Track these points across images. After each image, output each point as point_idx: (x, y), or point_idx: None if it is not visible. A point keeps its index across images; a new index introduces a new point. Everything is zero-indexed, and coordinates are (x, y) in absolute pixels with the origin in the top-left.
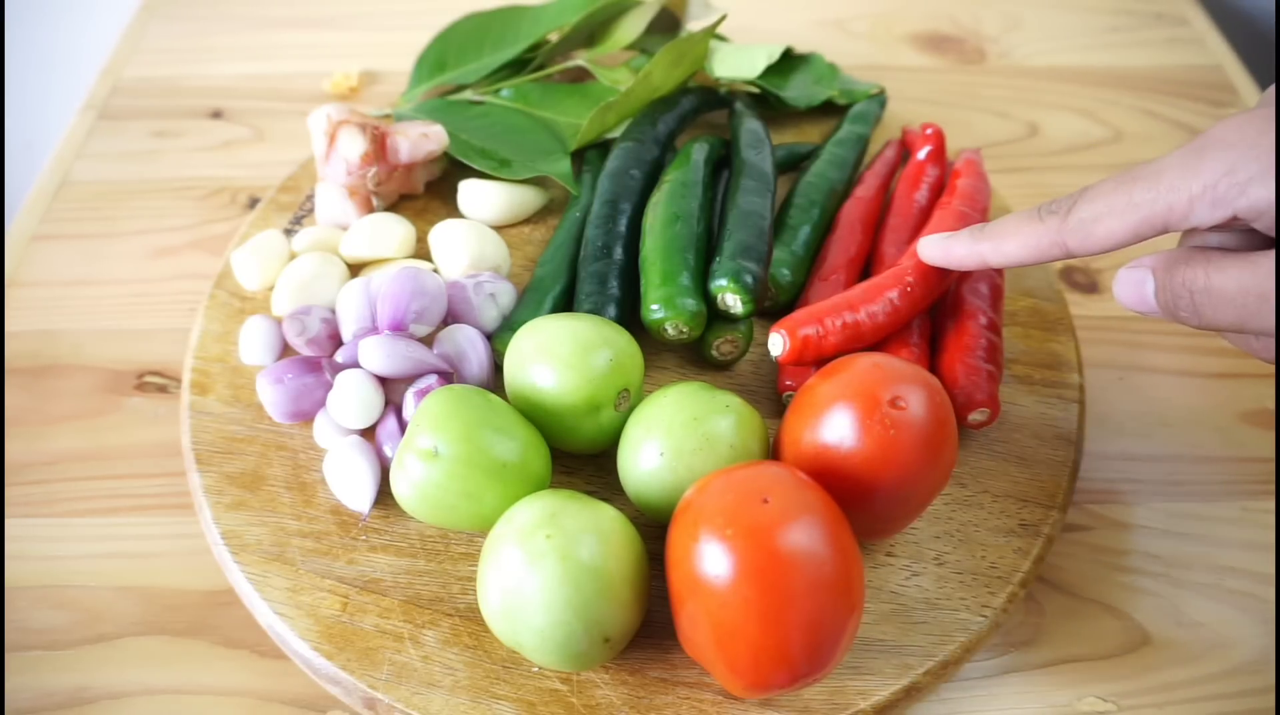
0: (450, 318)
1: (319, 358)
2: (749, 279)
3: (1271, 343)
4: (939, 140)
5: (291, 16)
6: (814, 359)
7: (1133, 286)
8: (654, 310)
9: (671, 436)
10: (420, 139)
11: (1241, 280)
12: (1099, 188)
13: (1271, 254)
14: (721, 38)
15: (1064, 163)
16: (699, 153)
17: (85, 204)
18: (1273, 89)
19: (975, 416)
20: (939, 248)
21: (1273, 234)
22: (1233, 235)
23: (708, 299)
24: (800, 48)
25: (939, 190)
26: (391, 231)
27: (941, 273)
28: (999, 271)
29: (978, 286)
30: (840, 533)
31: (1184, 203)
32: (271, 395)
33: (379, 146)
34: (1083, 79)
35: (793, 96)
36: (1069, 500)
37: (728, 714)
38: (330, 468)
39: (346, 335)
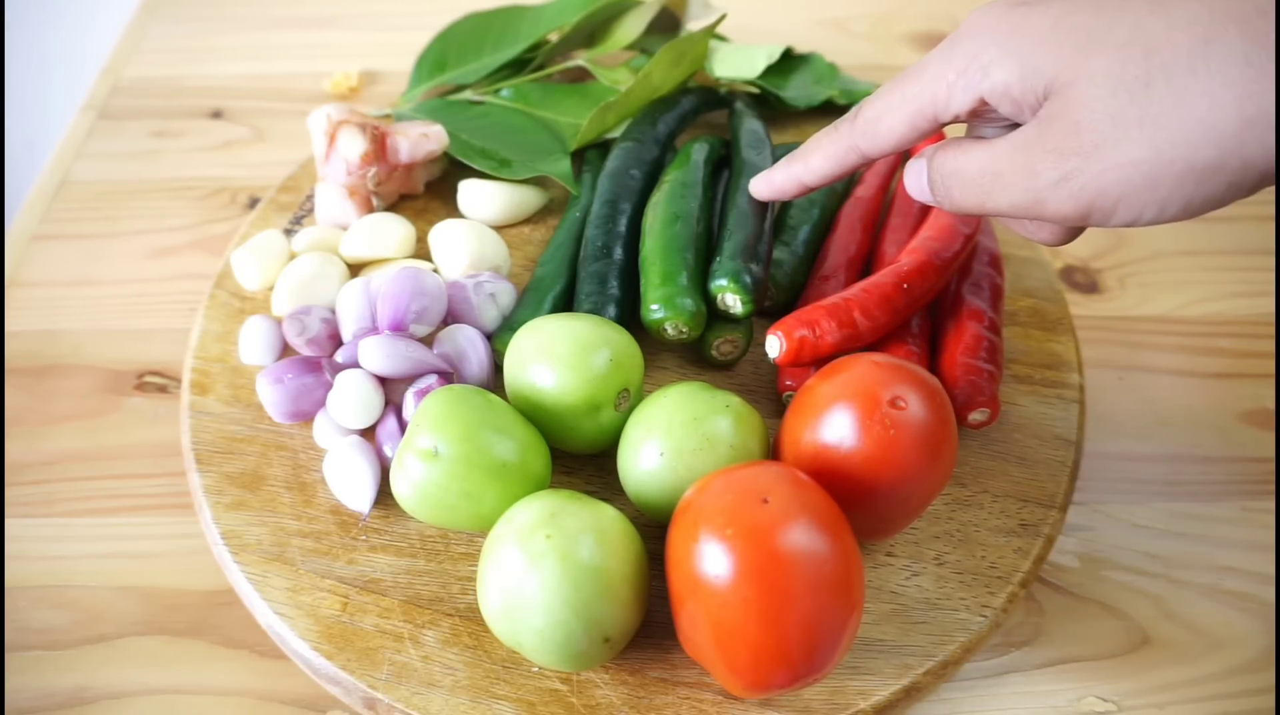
0: (450, 318)
1: (319, 358)
2: (749, 279)
3: (1046, 226)
4: (940, 140)
5: (291, 16)
6: (811, 360)
7: (913, 176)
8: (654, 310)
9: (671, 436)
10: (420, 139)
11: (981, 161)
12: (880, 90)
13: (1009, 137)
14: (721, 38)
15: None
16: (699, 153)
17: (85, 204)
18: None
19: (975, 416)
20: (763, 182)
21: (1017, 119)
22: (998, 129)
23: (708, 299)
24: (800, 48)
25: None
26: (391, 231)
27: (939, 270)
28: (999, 271)
29: (978, 286)
30: (840, 533)
31: (944, 91)
32: (271, 395)
33: (379, 146)
34: None
35: (793, 96)
36: (1069, 500)
37: (728, 714)
38: (330, 468)
39: (346, 335)
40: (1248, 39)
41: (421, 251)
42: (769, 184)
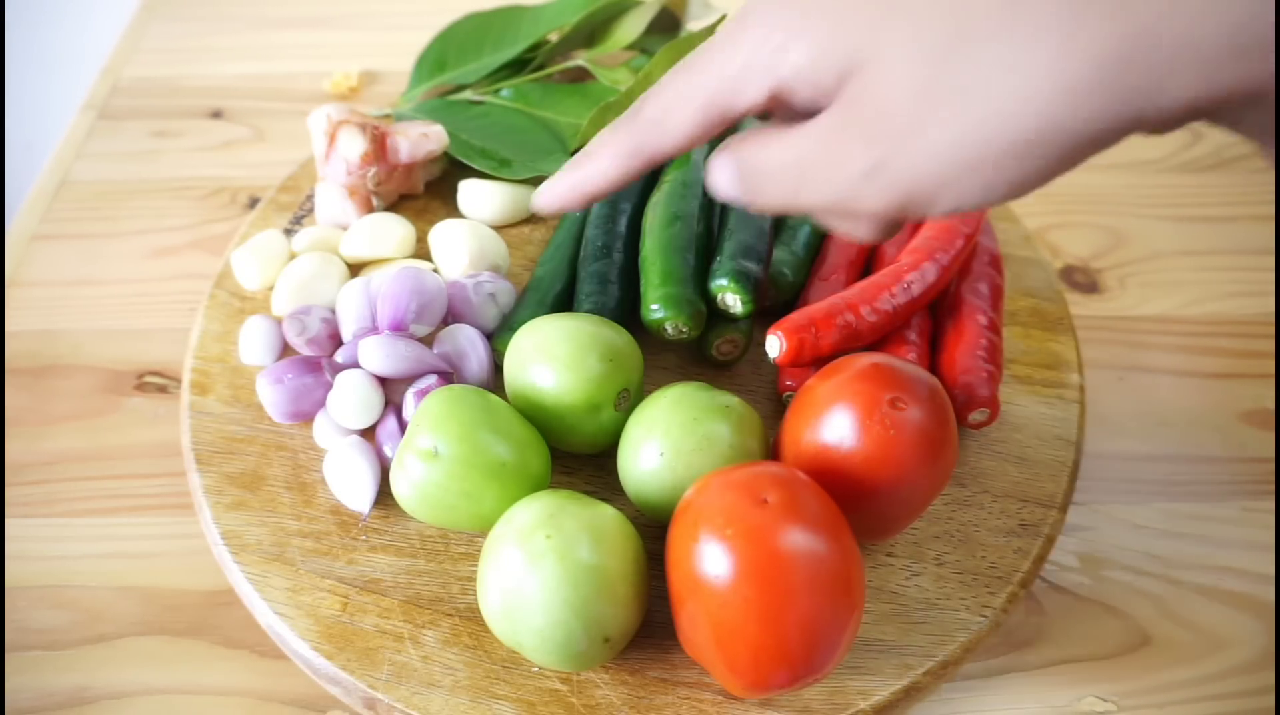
0: (450, 318)
1: (319, 358)
2: (749, 279)
3: (860, 223)
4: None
5: (291, 16)
6: (811, 360)
7: (718, 173)
8: (654, 310)
9: (671, 436)
10: (420, 139)
11: (786, 154)
12: (661, 80)
13: (814, 124)
14: None
15: None
16: (699, 153)
17: (85, 204)
18: None
19: (975, 416)
20: (548, 192)
21: (820, 105)
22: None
23: (708, 299)
24: None
25: None
26: (391, 231)
27: (939, 270)
28: (999, 271)
29: (978, 286)
30: (840, 533)
31: (733, 81)
32: (271, 395)
33: (379, 146)
34: None
35: None
36: (1069, 500)
37: (728, 714)
38: (330, 468)
39: (346, 335)
40: None
41: (421, 251)
42: (552, 194)
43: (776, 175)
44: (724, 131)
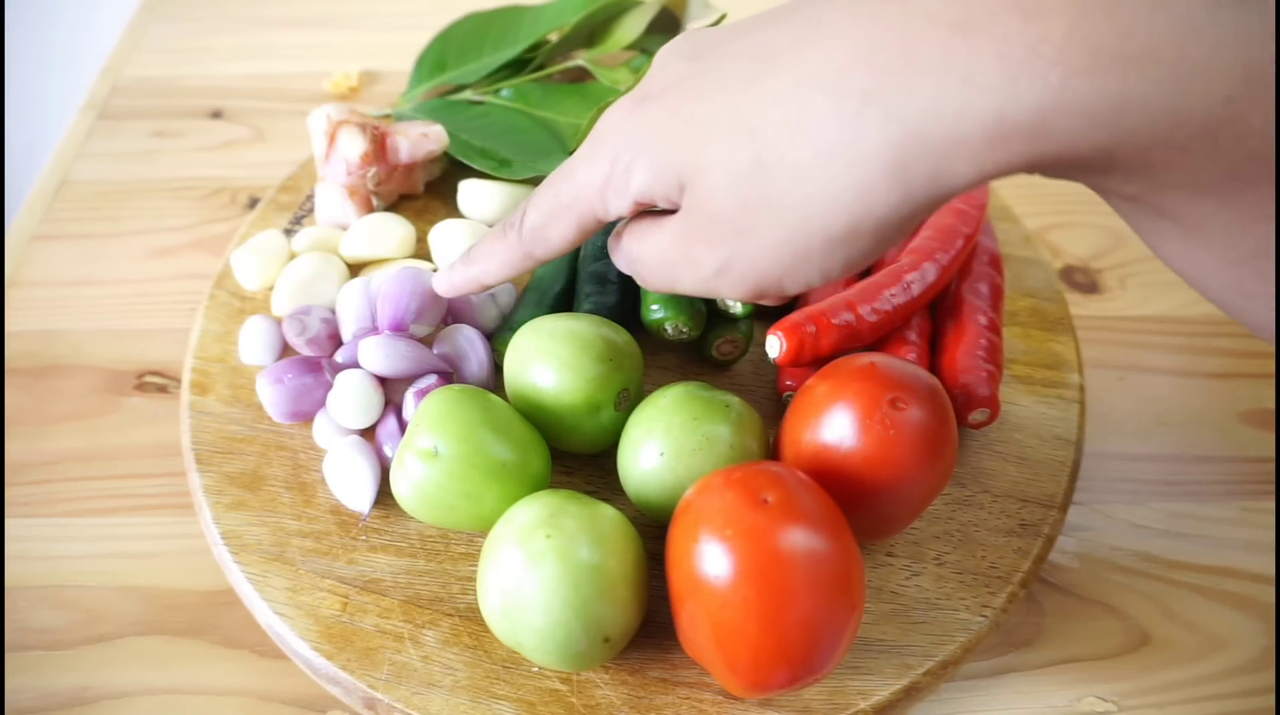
0: (450, 318)
1: (319, 358)
2: None
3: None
4: None
5: (291, 16)
6: (811, 360)
7: (613, 255)
8: (654, 310)
9: (671, 436)
10: (420, 139)
11: (655, 250)
12: (537, 193)
13: (672, 225)
14: None
15: None
16: None
17: (85, 204)
18: (657, 59)
19: (975, 416)
20: (444, 280)
21: (675, 208)
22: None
23: (708, 299)
24: None
25: None
26: (391, 231)
27: (939, 270)
28: (999, 271)
29: (978, 286)
30: (840, 533)
31: (598, 198)
32: (271, 395)
33: (379, 146)
34: None
35: None
36: (1069, 500)
37: (728, 714)
38: (330, 468)
39: (346, 335)
40: (834, 103)
41: (421, 251)
42: (449, 283)
43: (652, 268)
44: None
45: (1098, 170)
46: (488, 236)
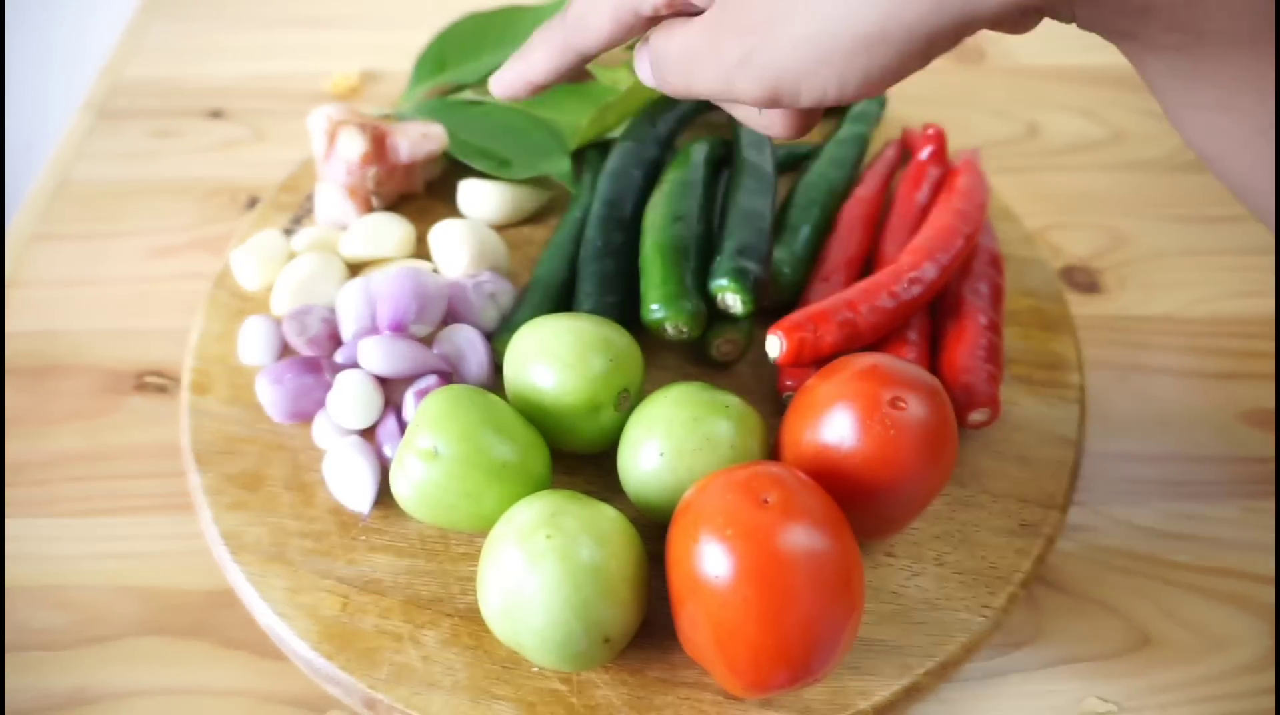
0: (450, 318)
1: (319, 358)
2: (749, 279)
3: (773, 116)
4: (940, 141)
5: (291, 16)
6: (812, 360)
7: (639, 61)
8: (654, 310)
9: (671, 436)
10: (420, 139)
11: (682, 42)
12: None
13: (703, 17)
14: None
15: (1064, 163)
16: (699, 153)
17: (85, 204)
18: None
19: (975, 416)
20: (499, 82)
21: (711, 4)
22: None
23: (708, 299)
24: None
25: (940, 190)
26: (391, 231)
27: (939, 270)
28: (999, 271)
29: (978, 286)
30: (840, 533)
31: None
32: (271, 395)
33: (379, 146)
34: (1083, 79)
35: None
36: (1069, 500)
37: (728, 714)
38: (330, 468)
39: (346, 335)
40: None
41: (421, 251)
42: (501, 83)
43: (675, 63)
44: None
45: (1136, 10)
46: (537, 31)
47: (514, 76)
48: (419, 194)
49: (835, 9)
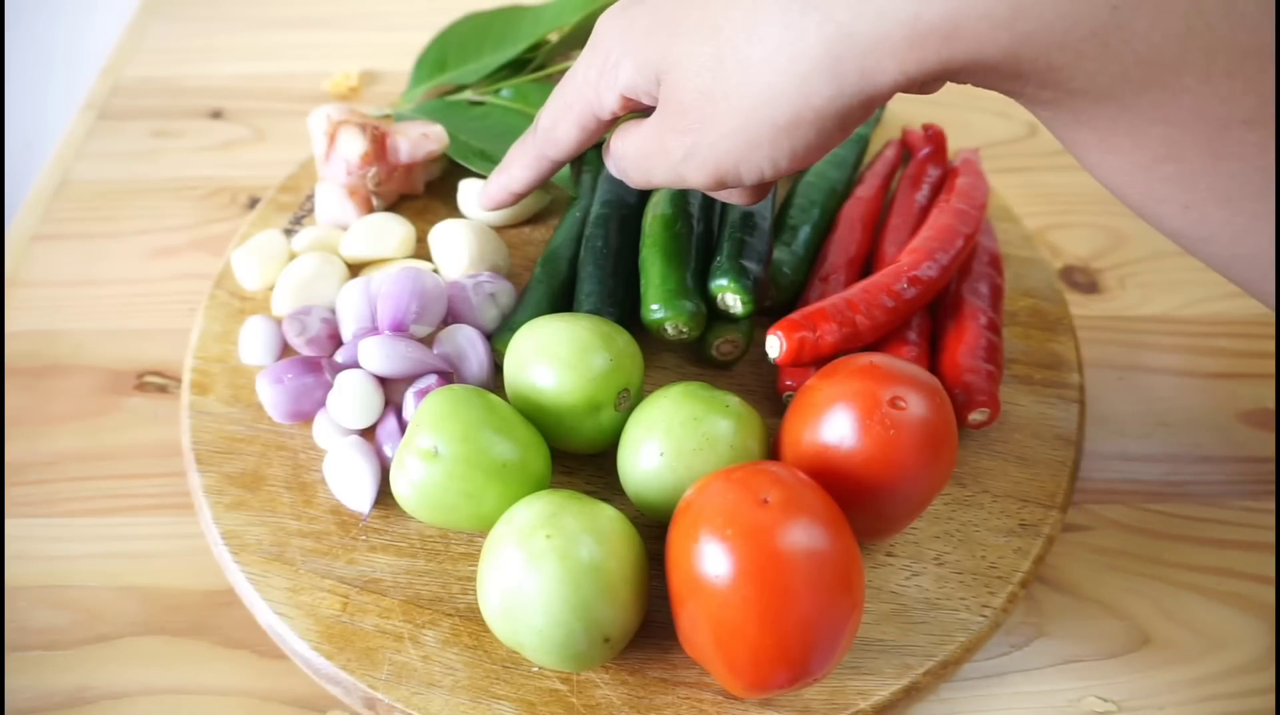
0: (450, 318)
1: (319, 358)
2: (749, 279)
3: (734, 192)
4: (940, 141)
5: (291, 16)
6: (812, 360)
7: (606, 158)
8: (654, 310)
9: (671, 436)
10: (420, 139)
11: (635, 144)
12: (548, 99)
13: (650, 121)
14: None
15: (1064, 163)
16: None
17: (85, 204)
18: None
19: (975, 416)
20: (484, 198)
21: (655, 106)
22: None
23: (708, 299)
24: None
25: (940, 190)
26: (391, 231)
27: (939, 270)
28: (999, 271)
29: (978, 286)
30: (840, 533)
31: (594, 95)
32: (271, 395)
33: (379, 146)
34: None
35: None
36: (1069, 500)
37: (728, 714)
38: (330, 468)
39: (346, 335)
40: (782, 5)
41: (421, 251)
42: (488, 198)
43: (632, 161)
44: None
45: (1010, 75)
46: (513, 147)
47: (497, 190)
48: (419, 194)
49: (755, 105)
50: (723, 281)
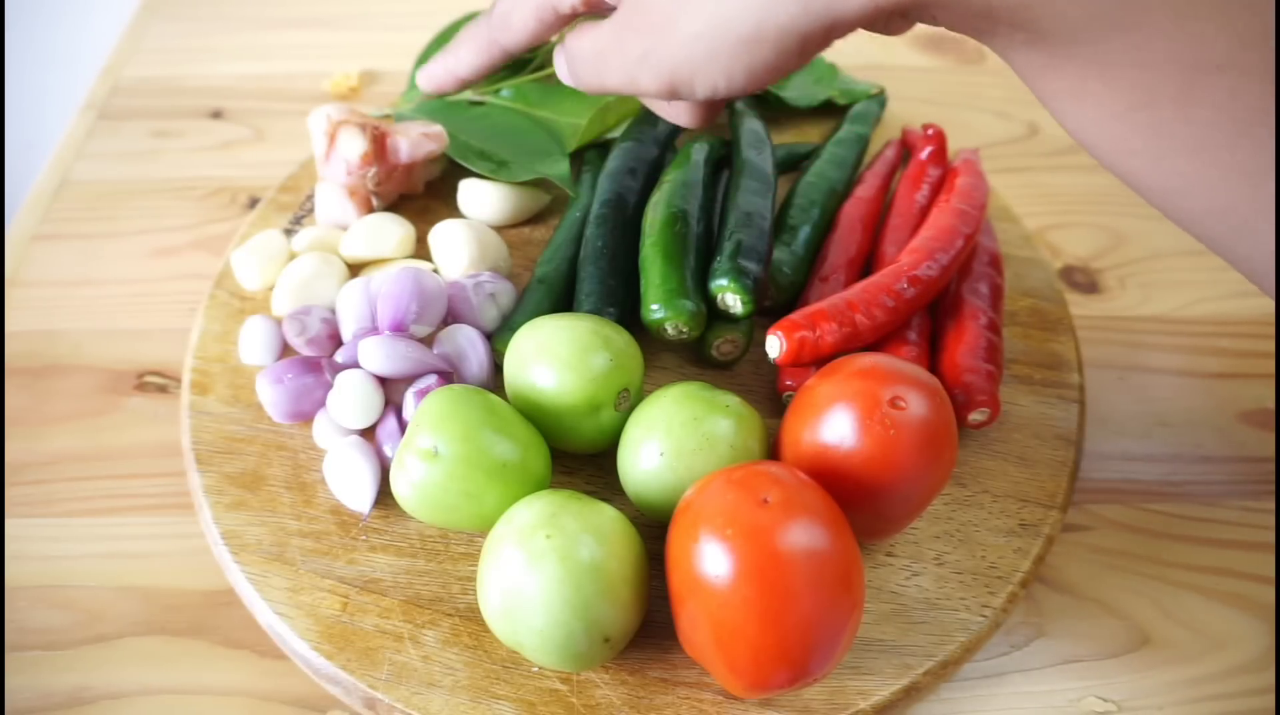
0: (450, 318)
1: (319, 358)
2: (749, 279)
3: (678, 107)
4: (940, 141)
5: (291, 16)
6: (812, 360)
7: (557, 60)
8: (654, 310)
9: (671, 436)
10: (420, 139)
11: (592, 41)
12: None
13: (611, 18)
14: None
15: (1063, 163)
16: (699, 153)
17: (85, 204)
18: None
19: (975, 416)
20: (425, 77)
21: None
22: None
23: (708, 299)
24: None
25: (940, 190)
26: (391, 231)
27: (939, 270)
28: (999, 271)
29: (978, 286)
30: (840, 533)
31: None
32: (271, 395)
33: (379, 146)
34: None
35: (793, 96)
36: (1069, 500)
37: (728, 714)
38: (330, 468)
39: (346, 335)
40: None
41: (421, 251)
42: (429, 78)
43: (586, 60)
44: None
45: (981, 13)
46: (464, 29)
47: (441, 71)
48: (419, 194)
49: (718, 12)
50: (723, 281)
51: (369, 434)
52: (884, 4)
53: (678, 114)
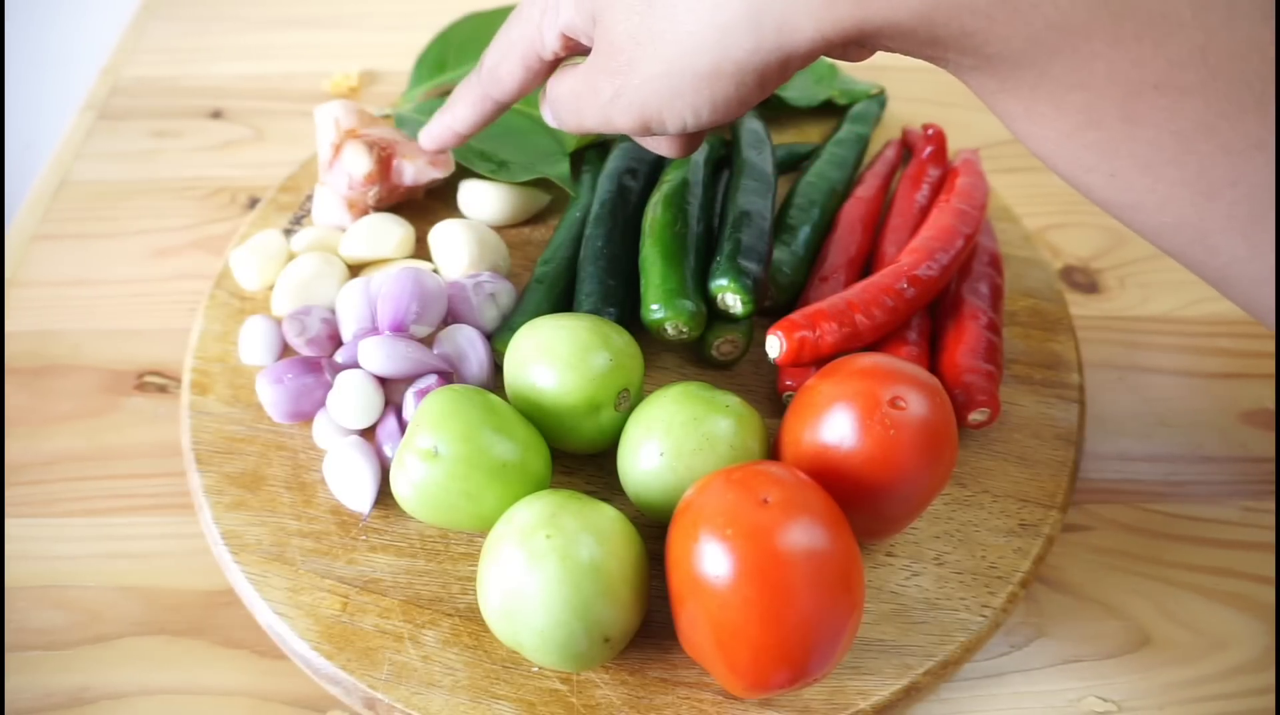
0: (450, 318)
1: (319, 358)
2: (749, 279)
3: (660, 140)
4: (940, 141)
5: (291, 16)
6: (812, 360)
7: (542, 105)
8: (654, 310)
9: (671, 436)
10: (425, 167)
11: (569, 85)
12: (495, 36)
13: (585, 62)
14: None
15: None
16: (699, 153)
17: (85, 204)
18: None
19: (975, 416)
20: (426, 136)
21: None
22: None
23: (708, 299)
24: None
25: (940, 190)
26: (390, 232)
27: (939, 271)
28: (999, 271)
29: (978, 286)
30: (840, 533)
31: (536, 33)
32: (271, 395)
33: (384, 167)
34: None
35: (793, 96)
36: (1069, 500)
37: (728, 714)
38: (330, 468)
39: (346, 335)
40: None
41: (421, 251)
42: (430, 137)
43: (565, 103)
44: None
45: (927, 41)
46: (457, 88)
47: (441, 129)
48: (419, 198)
49: (677, 53)
50: (723, 281)
51: (369, 434)
52: (832, 37)
53: (658, 145)
